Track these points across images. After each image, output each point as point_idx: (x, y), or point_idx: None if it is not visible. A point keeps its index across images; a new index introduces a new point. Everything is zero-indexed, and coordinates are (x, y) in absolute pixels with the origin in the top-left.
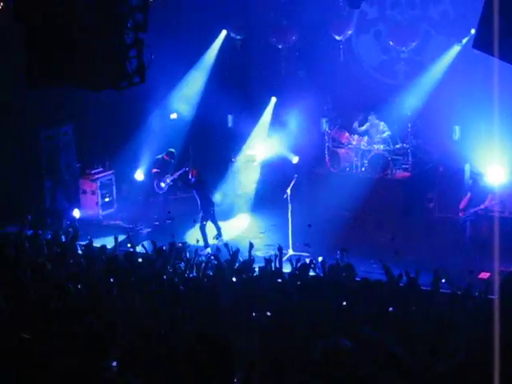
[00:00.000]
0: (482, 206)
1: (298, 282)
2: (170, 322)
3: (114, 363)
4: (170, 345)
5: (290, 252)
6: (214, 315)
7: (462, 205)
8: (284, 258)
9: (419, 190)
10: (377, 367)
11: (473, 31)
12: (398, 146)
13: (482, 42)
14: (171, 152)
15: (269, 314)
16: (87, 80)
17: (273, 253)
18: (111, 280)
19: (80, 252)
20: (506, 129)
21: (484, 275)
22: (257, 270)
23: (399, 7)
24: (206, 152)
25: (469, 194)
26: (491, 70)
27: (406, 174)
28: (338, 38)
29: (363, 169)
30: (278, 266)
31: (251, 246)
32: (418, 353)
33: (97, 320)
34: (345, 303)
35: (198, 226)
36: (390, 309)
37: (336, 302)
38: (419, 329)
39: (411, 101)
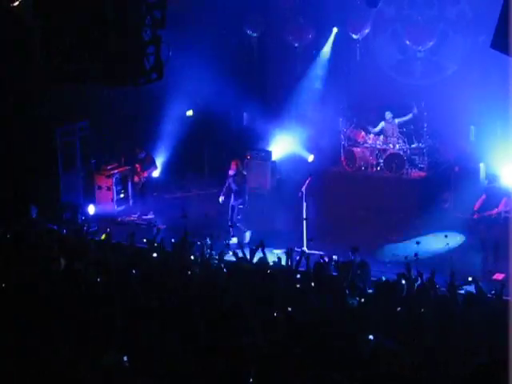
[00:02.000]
0: (496, 211)
1: (312, 283)
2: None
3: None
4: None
5: (305, 250)
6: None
7: (476, 206)
8: (298, 257)
9: (434, 189)
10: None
11: (489, 31)
12: (413, 146)
13: (499, 42)
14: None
15: (289, 309)
16: (106, 77)
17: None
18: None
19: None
20: None
21: (498, 276)
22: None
23: (416, 7)
24: (220, 149)
25: (484, 196)
26: (508, 71)
27: (422, 173)
28: (354, 36)
29: (379, 168)
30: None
31: (262, 244)
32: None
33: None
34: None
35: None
36: (398, 309)
37: (351, 302)
38: (435, 330)
39: (427, 101)
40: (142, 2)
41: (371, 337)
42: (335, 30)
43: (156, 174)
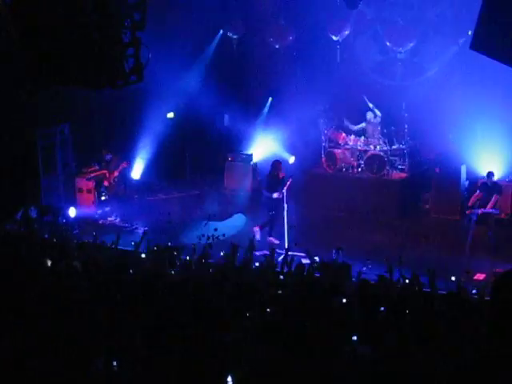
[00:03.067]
0: (488, 208)
1: (294, 282)
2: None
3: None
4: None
5: (286, 252)
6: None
7: (470, 202)
8: (280, 258)
9: (415, 190)
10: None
11: (470, 32)
12: (394, 147)
13: (479, 43)
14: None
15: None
16: (85, 79)
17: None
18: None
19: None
20: (501, 130)
21: (479, 276)
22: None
23: (397, 8)
24: (202, 151)
25: (477, 192)
26: (488, 71)
27: (403, 174)
28: (335, 38)
29: (360, 169)
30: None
31: (251, 244)
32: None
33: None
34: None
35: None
36: (382, 308)
37: (332, 303)
38: (417, 330)
39: (408, 102)
40: (122, 4)
41: (355, 337)
42: (315, 31)
43: (137, 175)
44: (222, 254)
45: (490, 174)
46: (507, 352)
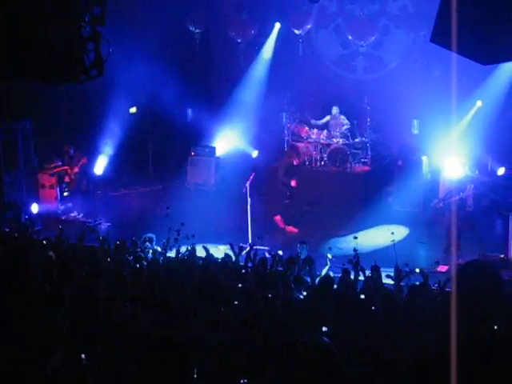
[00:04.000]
0: (461, 195)
1: (258, 276)
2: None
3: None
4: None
5: (249, 246)
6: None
7: (441, 194)
8: (243, 253)
9: (378, 183)
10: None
11: (431, 25)
12: (357, 140)
13: (439, 36)
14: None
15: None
16: (45, 73)
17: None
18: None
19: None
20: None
21: (442, 268)
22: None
23: (358, 2)
24: (165, 145)
25: (447, 185)
26: (449, 64)
27: (365, 167)
28: (297, 32)
29: (323, 163)
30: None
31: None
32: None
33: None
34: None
35: None
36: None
37: (298, 297)
38: (380, 322)
39: (370, 95)
40: None
41: (325, 328)
42: (278, 25)
43: (99, 171)
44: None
45: (456, 167)
46: (469, 340)
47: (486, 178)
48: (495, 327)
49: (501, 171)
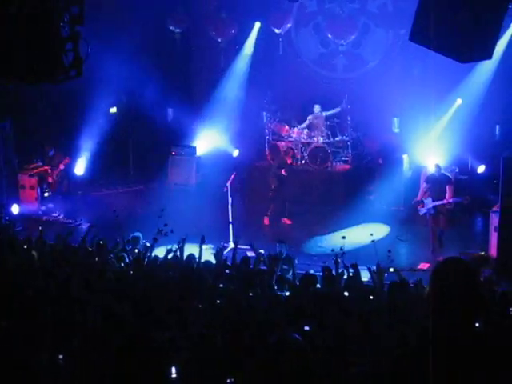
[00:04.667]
0: (448, 198)
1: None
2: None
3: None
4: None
5: (231, 245)
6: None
7: (419, 196)
8: (225, 251)
9: (359, 182)
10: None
11: (410, 24)
12: (337, 139)
13: (418, 35)
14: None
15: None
16: (23, 74)
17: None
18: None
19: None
20: (443, 120)
21: (424, 266)
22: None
23: (338, 0)
24: (146, 145)
25: (425, 185)
26: (428, 63)
27: (346, 166)
28: (277, 31)
29: (303, 162)
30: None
31: (203, 239)
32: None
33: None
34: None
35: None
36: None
37: (279, 296)
38: (360, 320)
39: (350, 94)
40: None
41: (307, 327)
42: (257, 24)
43: (80, 171)
44: None
45: (437, 166)
46: (447, 336)
47: (466, 175)
48: (472, 324)
49: (481, 169)
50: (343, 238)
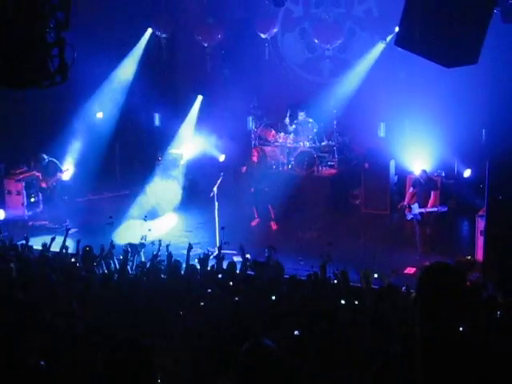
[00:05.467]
0: (430, 204)
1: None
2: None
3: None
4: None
5: (217, 251)
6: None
7: (406, 201)
8: (211, 257)
9: (345, 186)
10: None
11: (396, 29)
12: (323, 144)
13: (404, 40)
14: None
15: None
16: (8, 78)
17: (200, 251)
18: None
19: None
20: (428, 125)
21: (410, 270)
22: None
23: (324, 5)
24: (132, 151)
25: (411, 189)
26: (414, 67)
27: (333, 171)
28: (263, 36)
29: (290, 166)
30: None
31: (190, 247)
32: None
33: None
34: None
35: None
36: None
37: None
38: (348, 324)
39: (336, 98)
40: (46, 4)
41: (296, 332)
42: (243, 29)
43: (67, 176)
44: None
45: (423, 171)
46: (434, 341)
47: (453, 180)
48: (458, 328)
49: (467, 173)
50: (330, 243)
